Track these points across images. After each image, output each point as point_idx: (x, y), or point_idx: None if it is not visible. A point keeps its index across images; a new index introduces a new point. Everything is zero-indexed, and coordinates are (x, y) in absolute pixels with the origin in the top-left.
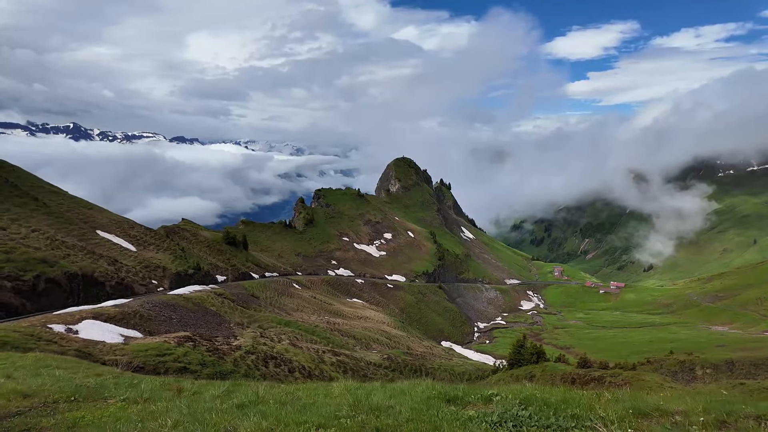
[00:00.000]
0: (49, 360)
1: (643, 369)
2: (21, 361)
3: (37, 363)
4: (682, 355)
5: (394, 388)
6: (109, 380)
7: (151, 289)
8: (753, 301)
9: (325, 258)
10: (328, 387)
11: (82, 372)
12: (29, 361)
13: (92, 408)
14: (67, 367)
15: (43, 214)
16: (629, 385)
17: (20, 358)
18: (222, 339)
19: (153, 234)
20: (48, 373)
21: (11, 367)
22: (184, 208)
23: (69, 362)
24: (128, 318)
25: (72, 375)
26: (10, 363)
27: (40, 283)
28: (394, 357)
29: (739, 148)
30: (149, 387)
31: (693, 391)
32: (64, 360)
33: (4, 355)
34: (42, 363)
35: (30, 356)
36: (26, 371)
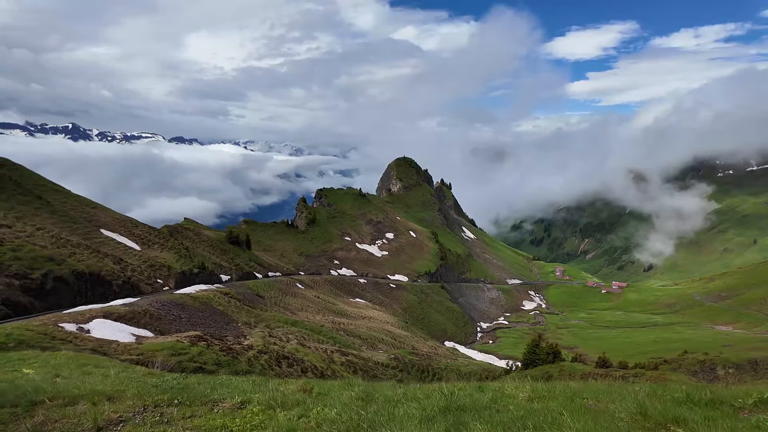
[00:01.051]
0: (82, 359)
1: (662, 369)
2: (54, 359)
3: (73, 361)
4: (701, 355)
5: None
6: (171, 380)
7: (156, 289)
8: (757, 301)
9: (328, 258)
10: (502, 390)
11: (129, 371)
12: (62, 359)
13: (219, 415)
14: (106, 365)
15: (47, 212)
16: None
17: (51, 356)
18: (232, 338)
19: (157, 233)
20: (100, 373)
21: (49, 365)
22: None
23: (103, 361)
24: (138, 317)
25: (128, 375)
26: (44, 361)
27: (48, 281)
28: (401, 357)
29: (739, 148)
30: (249, 387)
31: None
32: (96, 358)
33: (32, 354)
34: (77, 361)
35: (60, 354)
36: (71, 370)
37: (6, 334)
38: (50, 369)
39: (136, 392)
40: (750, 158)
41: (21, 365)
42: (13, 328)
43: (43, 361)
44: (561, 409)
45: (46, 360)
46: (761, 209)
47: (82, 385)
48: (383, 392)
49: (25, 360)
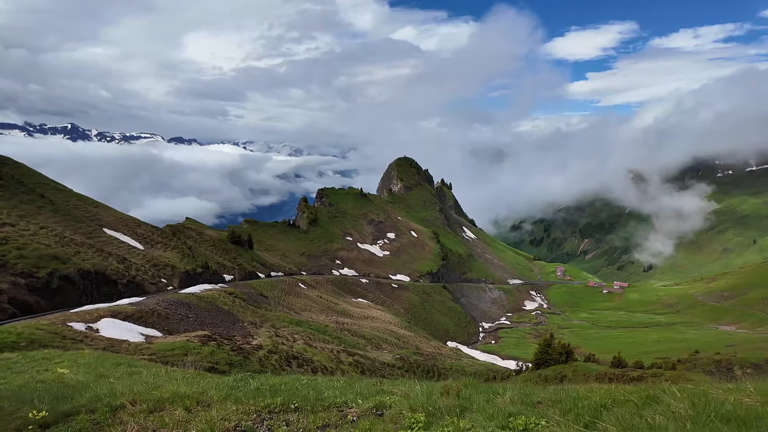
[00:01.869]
0: (113, 358)
1: (678, 368)
2: (81, 358)
3: (105, 360)
4: (713, 354)
5: None
6: (240, 381)
7: (161, 288)
8: (759, 301)
9: (329, 257)
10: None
11: (174, 371)
12: (90, 358)
13: (367, 425)
14: (137, 365)
15: (49, 211)
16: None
17: (77, 355)
18: (241, 338)
19: (159, 232)
20: (149, 373)
21: (80, 364)
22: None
23: (134, 360)
24: (146, 316)
25: (182, 374)
26: (71, 360)
27: (54, 280)
28: (406, 357)
29: (738, 148)
30: (367, 389)
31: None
32: (127, 358)
33: (54, 353)
34: (109, 360)
35: (85, 353)
36: (108, 369)
37: (17, 333)
38: (86, 368)
39: (224, 395)
40: (749, 158)
41: (48, 364)
42: (23, 327)
43: (71, 361)
44: None
45: (74, 359)
46: (761, 209)
47: (162, 387)
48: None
49: (50, 359)
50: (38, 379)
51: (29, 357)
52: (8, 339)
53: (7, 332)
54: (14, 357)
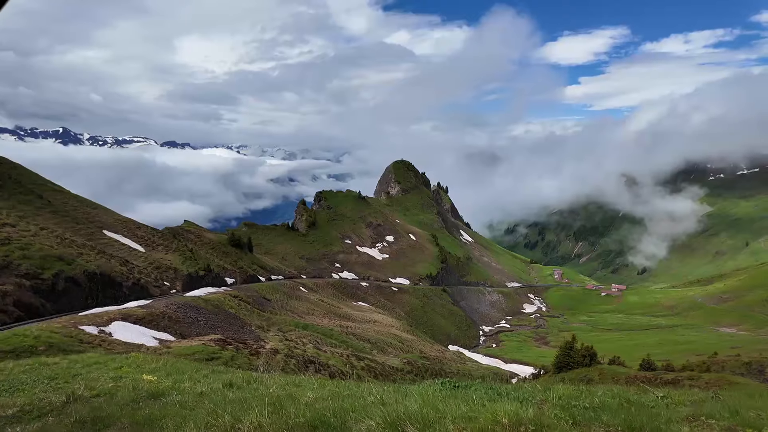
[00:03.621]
0: (171, 361)
1: (692, 370)
2: (146, 363)
3: (170, 366)
4: (736, 356)
5: None
6: (345, 389)
7: (164, 291)
8: (759, 303)
9: (329, 261)
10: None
11: (243, 376)
12: (155, 363)
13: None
14: (206, 370)
15: (48, 212)
16: (719, 388)
17: (130, 359)
18: (253, 342)
19: (160, 235)
20: (288, 381)
21: (149, 370)
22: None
23: (201, 365)
24: (157, 320)
25: (311, 382)
26: (133, 365)
27: (59, 282)
28: (414, 361)
29: (729, 152)
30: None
31: None
32: (193, 363)
33: (106, 357)
34: (173, 366)
35: (137, 356)
36: (191, 375)
37: (34, 336)
38: (165, 374)
39: (464, 416)
40: (740, 162)
41: (105, 370)
42: (39, 331)
43: (134, 366)
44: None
45: (135, 363)
46: (752, 212)
47: (441, 408)
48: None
49: (103, 363)
50: (151, 388)
51: (82, 362)
52: (25, 342)
53: (23, 335)
54: (62, 362)
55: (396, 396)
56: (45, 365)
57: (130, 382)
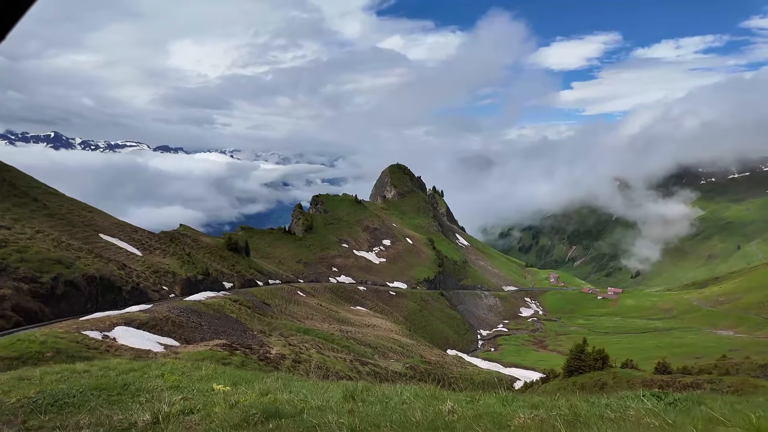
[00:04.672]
0: (221, 368)
1: (710, 373)
2: (193, 369)
3: (222, 373)
4: (745, 359)
5: None
6: (418, 399)
7: (163, 295)
8: (755, 305)
9: (326, 265)
10: None
11: (295, 382)
12: (171, 367)
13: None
14: (260, 377)
15: (44, 215)
16: (743, 392)
17: (171, 365)
18: (258, 347)
19: (157, 238)
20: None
21: (201, 378)
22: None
23: (254, 373)
24: (161, 324)
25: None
26: (180, 372)
27: (58, 285)
28: (416, 366)
29: (720, 156)
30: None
31: None
32: (244, 371)
33: (139, 364)
34: (227, 373)
35: (178, 363)
36: (252, 383)
37: (40, 342)
38: (234, 385)
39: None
40: (731, 166)
41: (148, 378)
42: (44, 336)
43: (179, 372)
44: None
45: (180, 370)
46: (744, 216)
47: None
48: None
49: (140, 370)
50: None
51: (114, 368)
52: (31, 348)
53: (28, 341)
54: (92, 369)
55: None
56: (76, 373)
57: (203, 393)
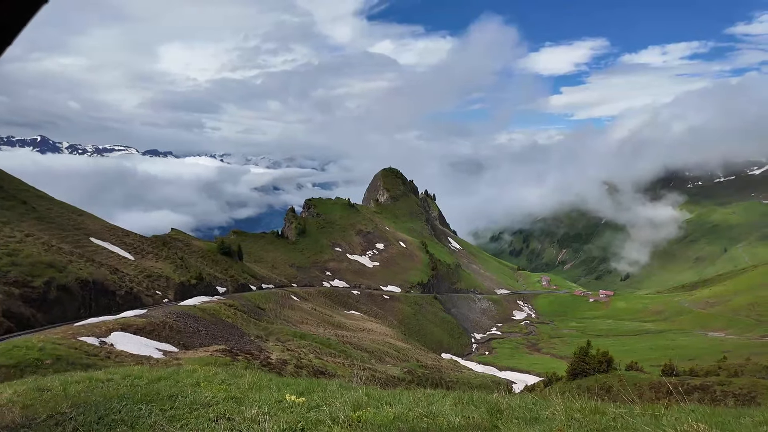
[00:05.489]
0: (266, 377)
1: (722, 375)
2: (196, 376)
3: (270, 382)
4: (746, 360)
5: None
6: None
7: (157, 300)
8: (745, 307)
9: (319, 269)
10: None
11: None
12: (203, 374)
13: None
14: (321, 387)
15: (33, 218)
16: (756, 394)
17: (200, 374)
18: (258, 352)
19: (149, 242)
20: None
21: (260, 386)
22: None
23: (265, 377)
24: (158, 330)
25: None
26: (215, 380)
27: (51, 290)
28: (413, 370)
29: (706, 160)
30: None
31: None
32: (289, 378)
33: (159, 372)
34: (273, 381)
35: (203, 369)
36: (325, 392)
37: (38, 348)
38: (309, 394)
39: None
40: (716, 170)
41: (189, 388)
42: (43, 342)
43: (216, 380)
44: None
45: (218, 378)
46: (730, 219)
47: None
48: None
49: (168, 379)
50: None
51: (140, 377)
52: (29, 355)
53: (25, 348)
54: (115, 377)
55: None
56: (99, 382)
57: (278, 406)
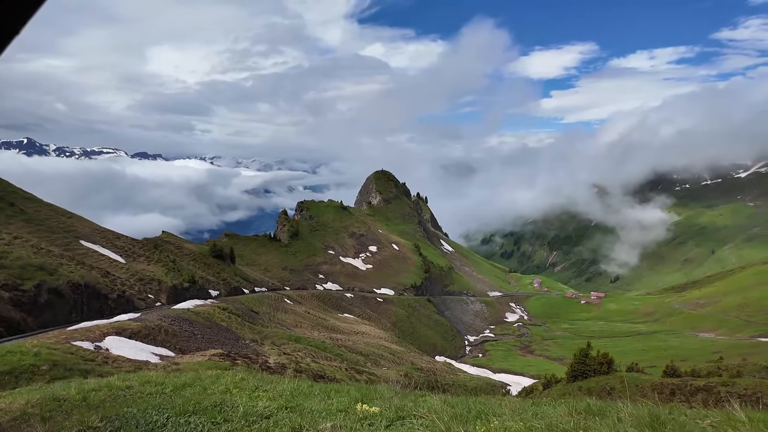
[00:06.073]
0: (305, 384)
1: (719, 376)
2: (224, 381)
3: (300, 387)
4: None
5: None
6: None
7: (149, 303)
8: (735, 308)
9: (312, 272)
10: None
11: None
12: (230, 380)
13: None
14: (380, 395)
15: (21, 220)
16: (763, 395)
17: (211, 378)
18: (255, 356)
19: (140, 245)
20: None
21: (298, 393)
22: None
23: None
24: (153, 334)
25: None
26: (265, 389)
27: (42, 293)
28: (410, 374)
29: (692, 163)
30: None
31: None
32: (333, 386)
33: (184, 378)
34: (295, 384)
35: (230, 374)
36: (387, 400)
37: (33, 354)
38: (388, 408)
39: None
40: (703, 173)
41: (214, 395)
42: (37, 348)
43: (248, 386)
44: None
45: (254, 384)
46: (717, 221)
47: None
48: None
49: (194, 386)
50: None
51: (163, 384)
52: (24, 361)
53: (19, 353)
54: (134, 384)
55: None
56: (119, 390)
57: (353, 418)
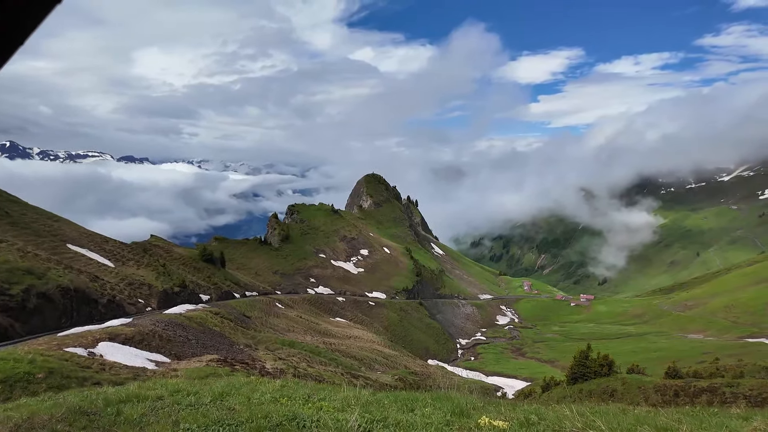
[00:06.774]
0: (340, 391)
1: (726, 376)
2: (273, 390)
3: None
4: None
5: None
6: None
7: (140, 308)
8: (722, 309)
9: (303, 275)
10: None
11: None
12: (279, 388)
13: None
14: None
15: (6, 224)
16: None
17: (251, 386)
18: (251, 361)
19: (129, 249)
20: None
21: (354, 402)
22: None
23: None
24: (147, 339)
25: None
26: (310, 399)
27: (30, 298)
28: (404, 377)
29: (677, 167)
30: None
31: None
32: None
33: (217, 384)
34: (339, 393)
35: (280, 383)
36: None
37: (28, 361)
38: (520, 425)
39: None
40: (688, 176)
41: (285, 407)
42: (32, 354)
43: (300, 396)
44: None
45: (307, 394)
46: (701, 224)
47: None
48: None
49: (246, 396)
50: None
51: (197, 393)
52: (19, 369)
53: (13, 360)
54: (163, 394)
55: None
56: (154, 401)
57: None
